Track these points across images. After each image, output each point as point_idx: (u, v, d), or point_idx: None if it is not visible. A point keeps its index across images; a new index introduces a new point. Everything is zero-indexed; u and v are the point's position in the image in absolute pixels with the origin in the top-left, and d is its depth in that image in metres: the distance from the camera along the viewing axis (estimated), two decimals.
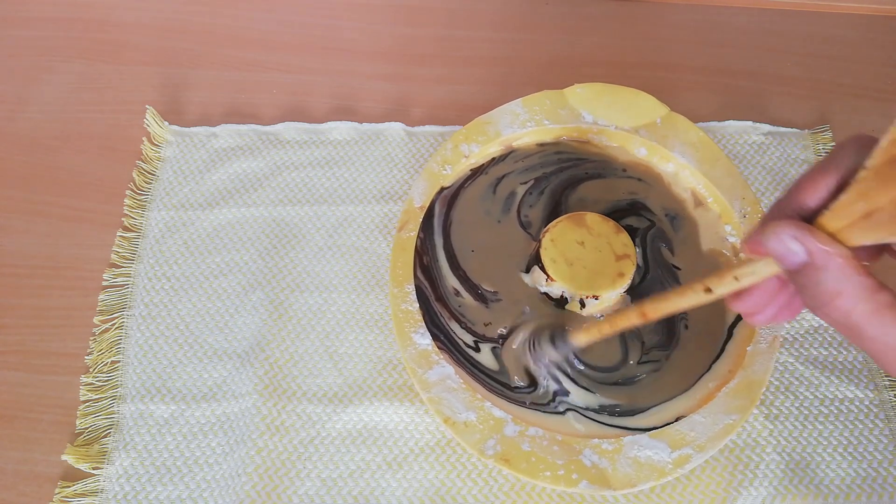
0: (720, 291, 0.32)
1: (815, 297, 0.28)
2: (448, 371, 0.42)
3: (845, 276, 0.27)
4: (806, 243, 0.27)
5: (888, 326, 0.26)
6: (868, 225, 0.26)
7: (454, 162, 0.49)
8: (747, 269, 0.31)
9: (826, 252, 0.27)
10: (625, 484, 0.39)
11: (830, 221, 0.27)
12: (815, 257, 0.27)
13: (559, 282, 0.44)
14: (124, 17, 0.63)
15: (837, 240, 0.27)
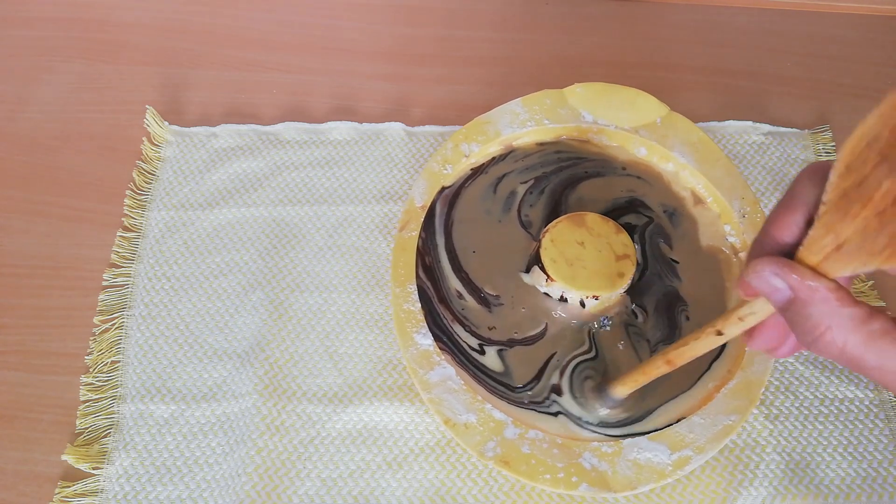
0: (730, 333, 0.32)
1: (806, 332, 0.27)
2: (449, 372, 0.42)
3: (831, 309, 0.26)
4: (787, 279, 0.27)
5: (886, 353, 0.26)
6: (841, 257, 0.26)
7: (454, 161, 0.49)
8: (748, 309, 0.30)
9: (808, 287, 0.27)
10: (625, 486, 0.39)
11: (808, 256, 0.27)
12: (799, 292, 0.27)
13: (559, 282, 0.44)
14: (124, 17, 0.63)
15: (820, 272, 0.27)
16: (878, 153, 0.25)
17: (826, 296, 0.26)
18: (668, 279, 0.46)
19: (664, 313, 0.45)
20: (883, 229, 0.25)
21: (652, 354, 0.44)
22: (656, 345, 0.44)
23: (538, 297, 0.45)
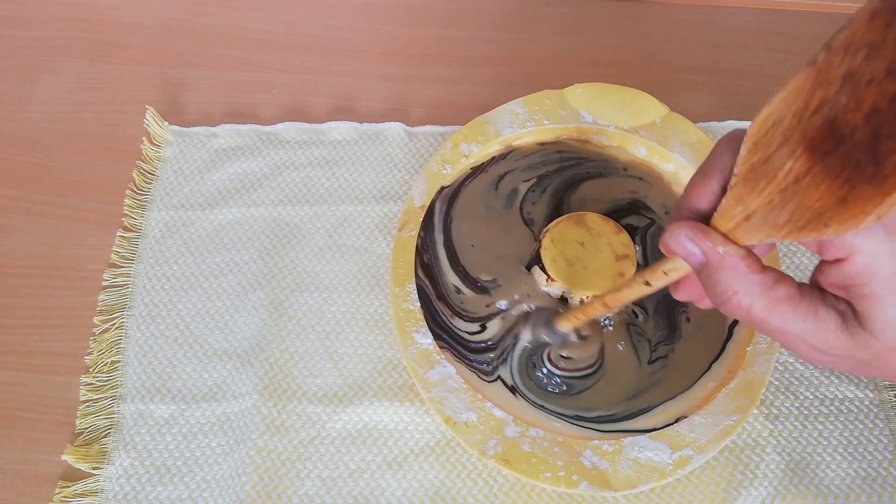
0: (657, 285, 0.33)
1: (716, 295, 0.28)
2: (449, 371, 0.42)
3: (739, 275, 0.28)
4: (700, 244, 0.28)
5: (787, 318, 0.27)
6: (749, 227, 0.27)
7: (454, 161, 0.49)
8: (671, 265, 0.32)
9: (718, 253, 0.28)
10: (625, 485, 0.39)
11: (721, 223, 0.28)
12: (710, 258, 0.28)
13: (559, 282, 0.44)
14: (124, 17, 0.63)
15: (731, 239, 0.28)
16: (781, 134, 0.25)
17: (735, 262, 0.28)
18: None
19: (664, 313, 0.45)
20: (784, 206, 0.26)
21: (652, 354, 0.44)
22: (656, 345, 0.44)
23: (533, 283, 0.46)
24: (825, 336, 0.27)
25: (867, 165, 0.23)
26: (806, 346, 0.28)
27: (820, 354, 0.28)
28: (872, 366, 0.27)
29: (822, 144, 0.24)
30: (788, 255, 0.51)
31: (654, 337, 0.44)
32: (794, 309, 0.27)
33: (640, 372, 0.43)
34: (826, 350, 0.27)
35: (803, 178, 0.25)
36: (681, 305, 0.45)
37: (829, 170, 0.24)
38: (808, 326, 0.27)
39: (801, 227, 0.25)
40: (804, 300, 0.27)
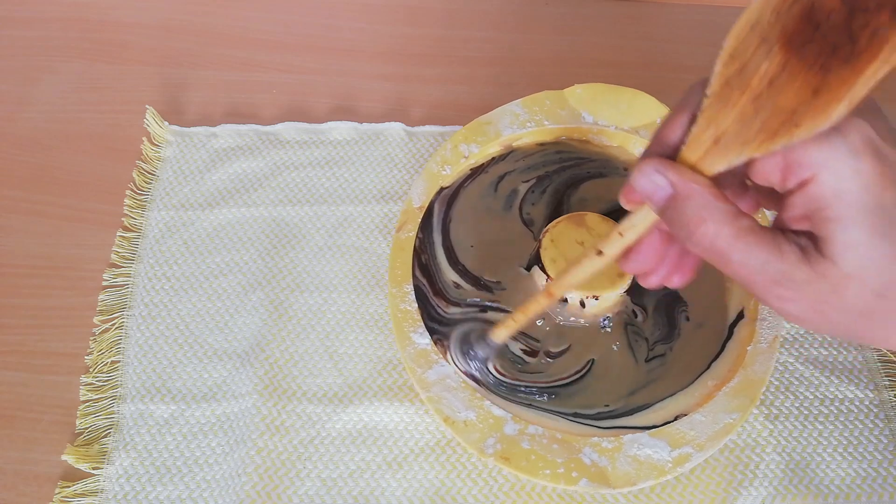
0: (610, 251, 0.33)
1: (682, 226, 0.29)
2: (447, 370, 0.42)
3: (706, 202, 0.28)
4: (668, 175, 0.29)
5: (751, 248, 0.27)
6: (718, 150, 0.28)
7: (454, 162, 0.49)
8: (628, 223, 0.32)
9: (687, 182, 0.28)
10: (624, 482, 0.39)
11: (689, 154, 0.29)
12: (678, 188, 0.28)
13: None
14: (124, 17, 0.63)
15: (698, 170, 0.28)
16: (759, 35, 0.26)
17: (702, 191, 0.28)
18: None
19: (664, 313, 0.45)
20: (757, 115, 0.26)
21: (650, 353, 0.44)
22: (654, 344, 0.44)
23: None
24: (786, 267, 0.27)
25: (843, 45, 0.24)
26: (765, 278, 0.27)
27: (779, 288, 0.27)
28: (827, 302, 0.27)
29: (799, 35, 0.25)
30: None
31: (652, 336, 0.44)
32: (758, 239, 0.27)
33: (637, 370, 0.43)
34: (785, 283, 0.27)
35: (778, 77, 0.26)
36: (681, 304, 0.45)
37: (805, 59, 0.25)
38: (770, 257, 0.27)
39: (773, 133, 0.26)
40: (766, 233, 0.28)
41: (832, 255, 0.26)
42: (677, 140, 0.29)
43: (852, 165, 0.25)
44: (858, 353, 0.48)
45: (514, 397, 0.42)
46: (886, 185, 0.25)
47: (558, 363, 0.44)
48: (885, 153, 0.26)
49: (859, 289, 0.26)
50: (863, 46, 0.24)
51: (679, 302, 0.46)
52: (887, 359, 0.47)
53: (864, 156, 0.25)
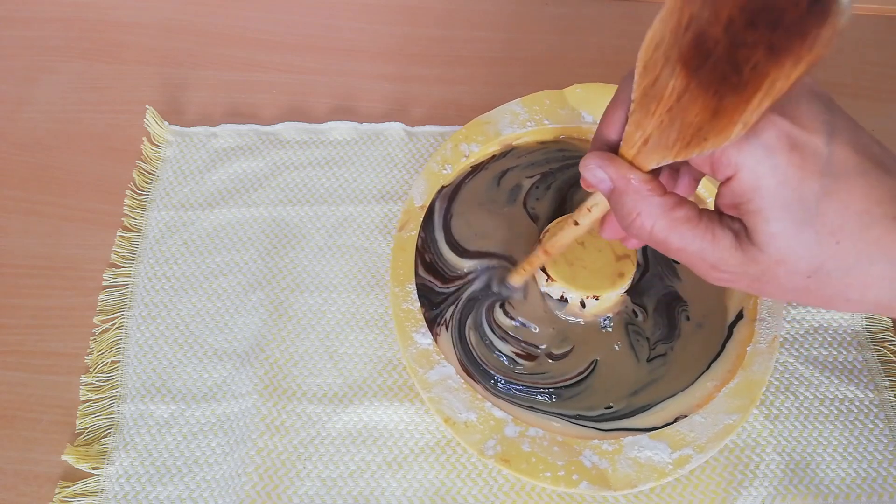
0: (584, 222, 0.36)
1: (622, 217, 0.31)
2: (449, 371, 0.42)
3: (641, 197, 0.30)
4: (606, 170, 0.31)
5: (686, 238, 0.29)
6: (647, 151, 0.29)
7: (454, 161, 0.49)
8: (592, 200, 0.34)
9: (623, 178, 0.30)
10: (625, 484, 0.39)
11: (626, 150, 0.30)
12: (616, 182, 0.31)
13: (559, 282, 0.44)
14: (124, 17, 0.63)
15: (636, 165, 0.30)
16: (663, 55, 0.27)
17: (638, 186, 0.30)
18: (669, 279, 0.46)
19: (664, 313, 0.45)
20: (672, 125, 0.28)
21: (651, 352, 0.44)
22: (655, 343, 0.44)
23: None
24: (721, 254, 0.29)
25: (731, 75, 0.25)
26: (704, 263, 0.29)
27: (717, 272, 0.29)
28: (763, 282, 0.29)
29: (694, 60, 0.26)
30: None
31: (653, 336, 0.44)
32: (693, 229, 0.29)
33: (639, 370, 0.43)
34: (722, 267, 0.29)
35: (683, 95, 0.27)
36: (680, 304, 0.45)
37: (702, 84, 0.26)
38: (705, 245, 0.29)
39: (687, 143, 0.28)
40: (702, 221, 0.29)
41: (759, 244, 0.28)
42: (617, 136, 0.31)
43: (768, 163, 0.27)
44: (858, 353, 0.48)
45: (515, 399, 0.42)
46: (806, 175, 0.27)
47: (562, 364, 0.44)
48: (802, 143, 0.27)
49: (789, 272, 0.28)
50: (747, 78, 0.25)
51: (679, 301, 0.46)
52: (887, 359, 0.47)
53: (780, 152, 0.26)
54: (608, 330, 0.44)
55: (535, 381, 0.43)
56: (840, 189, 0.27)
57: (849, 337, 0.48)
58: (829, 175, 0.27)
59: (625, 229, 0.31)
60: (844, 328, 0.48)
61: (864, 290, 0.28)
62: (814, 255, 0.27)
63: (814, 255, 0.27)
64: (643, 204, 0.30)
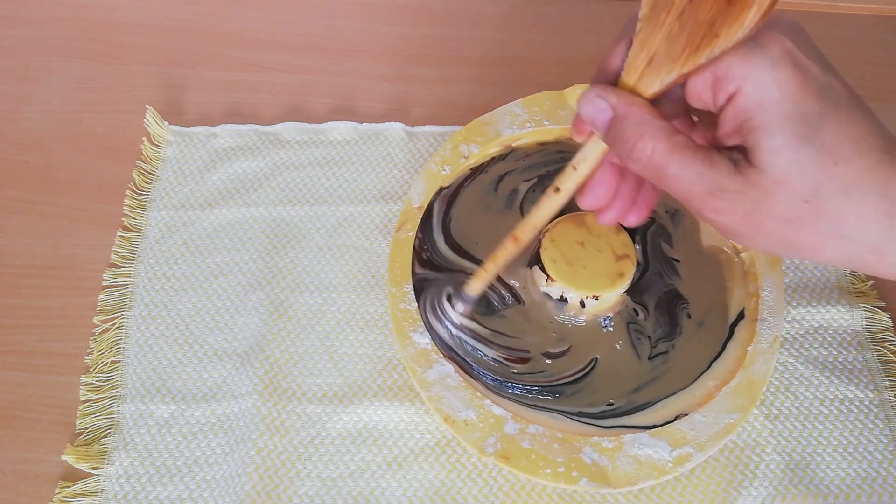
0: (566, 187, 0.35)
1: (623, 145, 0.30)
2: (447, 370, 0.42)
3: (643, 120, 0.30)
4: (608, 98, 0.31)
5: (685, 161, 0.29)
6: (652, 70, 0.30)
7: (453, 162, 0.49)
8: (580, 156, 0.34)
9: (625, 103, 0.30)
10: (625, 482, 0.39)
11: (627, 78, 0.31)
12: (617, 109, 0.31)
13: (559, 282, 0.44)
14: (124, 17, 0.63)
15: (636, 93, 0.31)
16: None
17: (639, 110, 0.30)
18: (669, 277, 0.46)
19: (665, 311, 0.45)
20: (682, 30, 0.29)
21: (653, 350, 0.44)
22: (657, 341, 0.44)
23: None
24: (719, 178, 0.29)
25: None
26: (701, 191, 0.29)
27: (714, 200, 0.29)
28: (760, 211, 0.28)
29: None
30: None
31: (654, 334, 0.45)
32: (692, 153, 0.29)
33: (641, 367, 0.43)
34: (719, 193, 0.29)
35: None
36: (681, 302, 0.45)
37: None
38: (703, 169, 0.29)
39: (697, 47, 0.28)
40: (701, 147, 0.29)
41: (760, 163, 0.28)
42: (618, 67, 0.32)
43: (773, 76, 0.27)
44: (858, 353, 0.48)
45: (516, 396, 0.42)
46: (807, 94, 0.27)
47: (560, 362, 0.44)
48: (804, 64, 0.28)
49: (787, 195, 0.28)
50: None
51: (679, 299, 0.46)
52: (887, 359, 0.47)
53: (784, 66, 0.27)
54: (609, 329, 0.44)
55: (536, 380, 0.43)
56: (836, 113, 0.28)
57: (849, 337, 0.48)
58: (826, 98, 0.27)
59: (624, 158, 0.31)
60: (844, 328, 0.48)
61: (859, 222, 0.28)
62: (812, 174, 0.27)
63: (812, 174, 0.27)
64: (644, 127, 0.30)
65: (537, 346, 0.44)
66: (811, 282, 0.50)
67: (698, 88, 0.30)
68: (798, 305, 0.49)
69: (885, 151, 0.28)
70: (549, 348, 0.44)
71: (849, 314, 0.49)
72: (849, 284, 0.50)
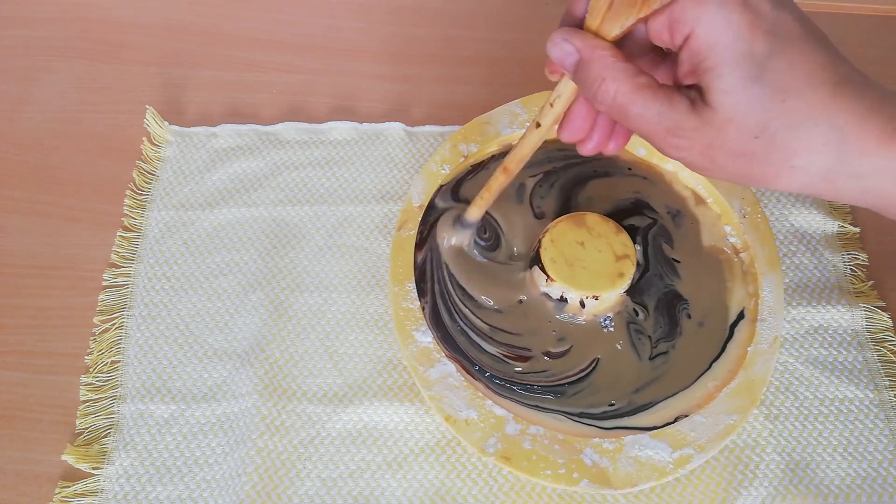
0: (545, 122, 0.36)
1: (588, 87, 0.32)
2: (449, 369, 0.42)
3: (606, 63, 0.31)
4: (573, 42, 0.32)
5: (647, 101, 0.30)
6: (612, 15, 0.31)
7: (453, 161, 0.49)
8: (555, 93, 0.35)
9: (589, 46, 0.32)
10: (625, 483, 0.39)
11: (591, 22, 0.32)
12: (582, 52, 0.32)
13: (559, 282, 0.44)
14: (124, 17, 0.63)
15: (600, 36, 0.32)
16: None
17: (602, 54, 0.31)
18: (669, 278, 0.46)
19: (665, 311, 0.45)
20: None
21: (653, 350, 0.44)
22: (657, 341, 0.44)
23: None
24: (678, 117, 0.30)
25: None
26: (662, 129, 0.31)
27: (673, 137, 0.31)
28: (714, 147, 0.30)
29: None
30: (788, 254, 0.51)
31: (654, 334, 0.45)
32: (654, 94, 0.30)
33: (642, 367, 0.43)
34: (678, 131, 0.30)
35: None
36: (681, 302, 0.45)
37: None
38: (663, 108, 0.30)
39: None
40: (661, 88, 0.30)
41: (712, 103, 0.29)
42: (583, 11, 0.33)
43: (723, 17, 0.28)
44: (858, 353, 0.48)
45: (518, 397, 0.42)
46: (756, 34, 0.28)
47: (561, 362, 0.44)
48: (754, 4, 0.28)
49: (738, 132, 0.29)
50: None
51: (679, 300, 0.46)
52: (887, 359, 0.47)
53: (733, 7, 0.28)
54: (609, 330, 0.44)
55: (538, 380, 0.43)
56: (787, 50, 0.28)
57: (849, 337, 0.48)
58: (776, 36, 0.28)
59: (590, 99, 0.32)
60: (844, 328, 0.48)
61: (809, 154, 0.29)
62: (761, 111, 0.29)
63: (761, 111, 0.29)
64: (608, 70, 0.31)
65: (538, 346, 0.44)
66: (811, 282, 0.50)
67: (657, 29, 0.30)
68: (798, 305, 0.49)
69: (835, 84, 0.29)
70: (550, 348, 0.44)
71: (849, 314, 0.49)
72: (849, 284, 0.50)
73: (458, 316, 0.45)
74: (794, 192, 0.32)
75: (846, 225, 0.52)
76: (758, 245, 0.46)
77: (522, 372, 0.43)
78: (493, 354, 0.44)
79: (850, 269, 0.51)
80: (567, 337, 0.44)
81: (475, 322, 0.45)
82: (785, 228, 0.52)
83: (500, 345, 0.44)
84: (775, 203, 0.53)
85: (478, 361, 0.43)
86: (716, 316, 0.45)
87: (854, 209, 0.54)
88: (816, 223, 0.52)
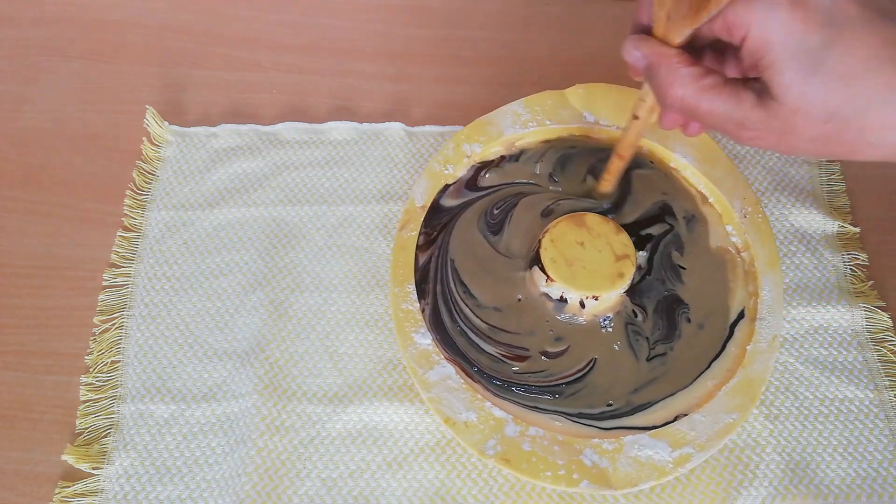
0: (641, 114, 0.39)
1: (659, 91, 0.34)
2: (448, 371, 0.42)
3: (672, 69, 0.33)
4: (640, 49, 0.34)
5: (714, 101, 0.32)
6: (671, 25, 0.33)
7: (456, 161, 0.49)
8: (644, 90, 0.38)
9: (655, 53, 0.34)
10: (625, 483, 0.39)
11: (657, 29, 0.34)
12: (650, 59, 0.34)
13: (559, 282, 0.44)
14: (124, 17, 0.63)
15: (666, 42, 0.34)
16: None
17: (668, 60, 0.33)
18: (671, 283, 0.46)
19: (664, 314, 0.45)
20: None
21: (651, 352, 0.44)
22: (655, 343, 0.44)
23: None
24: (745, 112, 0.32)
25: None
26: (732, 123, 0.33)
27: (744, 130, 0.32)
28: (787, 133, 0.31)
29: None
30: (789, 254, 0.51)
31: (652, 336, 0.44)
32: (719, 93, 0.32)
33: (639, 368, 0.43)
34: (747, 124, 0.32)
35: None
36: (681, 306, 0.45)
37: None
38: (730, 106, 0.32)
39: (697, 10, 0.32)
40: (727, 86, 0.32)
41: (777, 97, 0.31)
42: (647, 19, 0.34)
43: (773, 17, 0.30)
44: (858, 353, 0.48)
45: (516, 397, 0.42)
46: (809, 28, 0.29)
47: (558, 362, 0.44)
48: (803, 0, 0.30)
49: (807, 120, 0.31)
50: None
51: (680, 304, 0.45)
52: (887, 359, 0.47)
53: (781, 8, 0.30)
54: (608, 330, 0.44)
55: (536, 380, 0.43)
56: (844, 37, 0.29)
57: (849, 337, 0.48)
58: (832, 26, 0.29)
59: (661, 101, 0.34)
60: (844, 328, 0.48)
61: (883, 131, 0.30)
62: (826, 100, 0.30)
63: (826, 100, 0.30)
64: (673, 75, 0.33)
65: (535, 345, 0.44)
66: (811, 282, 0.50)
67: (718, 31, 0.32)
68: (798, 305, 0.49)
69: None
70: (548, 347, 0.44)
71: (849, 314, 0.49)
72: (849, 284, 0.50)
73: (458, 316, 0.45)
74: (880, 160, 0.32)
75: (846, 225, 0.52)
76: (758, 244, 0.46)
77: (520, 372, 0.43)
78: (492, 354, 0.44)
79: (850, 269, 0.51)
80: (564, 337, 0.44)
81: (475, 322, 0.45)
82: (785, 228, 0.52)
83: (498, 344, 0.44)
84: (776, 203, 0.53)
85: (476, 363, 0.43)
86: (717, 317, 0.45)
87: (854, 209, 0.53)
88: (816, 223, 0.52)
